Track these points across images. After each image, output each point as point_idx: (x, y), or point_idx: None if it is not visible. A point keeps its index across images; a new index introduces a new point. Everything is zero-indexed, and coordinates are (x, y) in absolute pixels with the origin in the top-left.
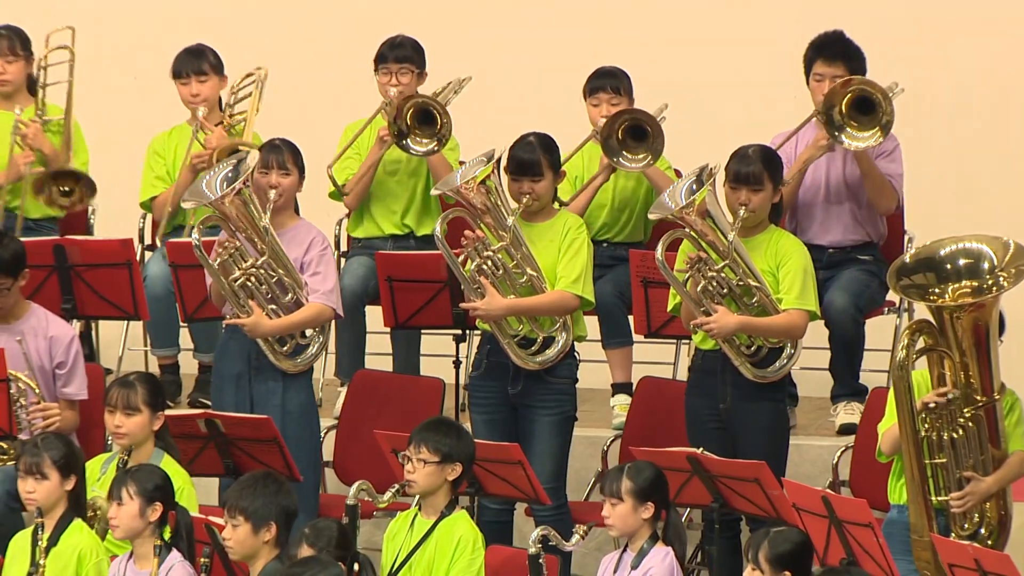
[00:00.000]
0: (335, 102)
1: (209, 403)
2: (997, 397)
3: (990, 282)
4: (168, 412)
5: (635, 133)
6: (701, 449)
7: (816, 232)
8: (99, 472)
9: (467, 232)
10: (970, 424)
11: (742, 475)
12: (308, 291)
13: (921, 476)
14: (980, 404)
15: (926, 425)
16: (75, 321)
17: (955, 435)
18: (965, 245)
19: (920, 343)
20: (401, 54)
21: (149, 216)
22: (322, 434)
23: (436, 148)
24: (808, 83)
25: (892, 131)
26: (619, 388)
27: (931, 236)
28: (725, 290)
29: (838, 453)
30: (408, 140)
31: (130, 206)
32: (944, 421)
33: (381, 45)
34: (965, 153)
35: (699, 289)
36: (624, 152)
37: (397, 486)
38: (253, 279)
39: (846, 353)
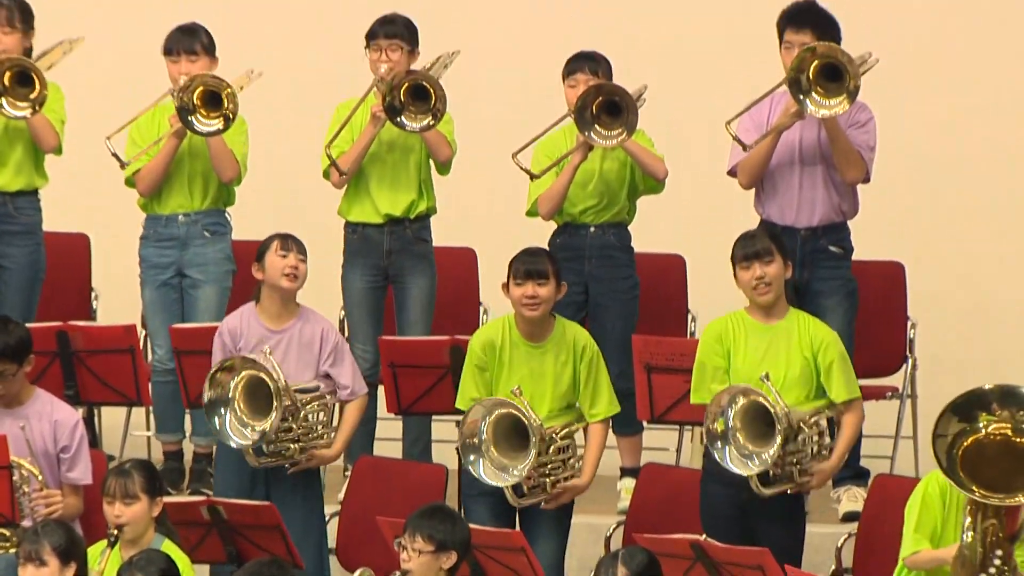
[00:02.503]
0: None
1: (210, 493)
2: None
3: None
4: (170, 499)
5: (610, 109)
6: (704, 536)
7: (790, 209)
8: (99, 558)
9: (511, 500)
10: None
11: (745, 562)
12: (337, 387)
13: None
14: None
15: None
16: (78, 407)
17: None
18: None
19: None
20: (391, 30)
21: None
22: (326, 519)
23: (432, 123)
24: (780, 52)
25: (874, 117)
26: (627, 472)
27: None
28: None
29: (841, 540)
30: (402, 116)
31: (133, 291)
32: None
33: (373, 23)
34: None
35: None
36: (598, 128)
37: (398, 573)
38: (292, 445)
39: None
